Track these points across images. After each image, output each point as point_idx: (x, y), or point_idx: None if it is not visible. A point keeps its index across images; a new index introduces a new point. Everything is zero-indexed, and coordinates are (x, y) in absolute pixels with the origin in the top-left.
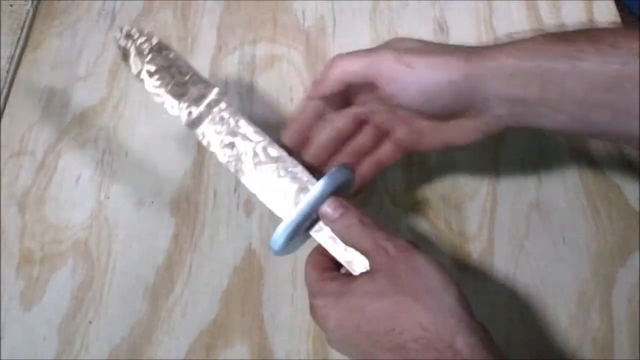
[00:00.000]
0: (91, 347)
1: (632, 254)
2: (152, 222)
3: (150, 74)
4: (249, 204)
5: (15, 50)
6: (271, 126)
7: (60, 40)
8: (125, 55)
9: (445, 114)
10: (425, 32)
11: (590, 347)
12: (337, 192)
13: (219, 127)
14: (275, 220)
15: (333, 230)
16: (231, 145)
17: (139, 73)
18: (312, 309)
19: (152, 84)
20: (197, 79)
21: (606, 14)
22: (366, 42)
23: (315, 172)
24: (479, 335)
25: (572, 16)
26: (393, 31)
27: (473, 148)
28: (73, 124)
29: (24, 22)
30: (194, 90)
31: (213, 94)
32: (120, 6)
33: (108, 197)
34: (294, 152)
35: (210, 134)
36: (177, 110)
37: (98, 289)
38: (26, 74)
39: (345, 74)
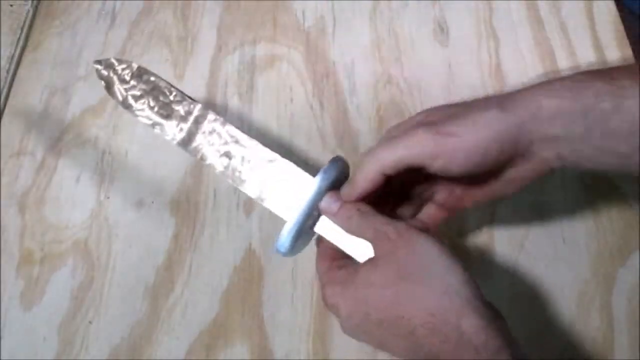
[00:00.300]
0: (91, 347)
1: (632, 254)
2: (152, 222)
3: (136, 99)
4: (249, 204)
5: (15, 50)
6: (271, 126)
7: (60, 40)
8: (108, 85)
9: (493, 169)
10: (425, 32)
11: (590, 347)
12: (335, 186)
13: (211, 139)
14: (275, 220)
15: (336, 223)
16: (227, 154)
17: (125, 100)
18: (323, 298)
19: (138, 109)
20: (180, 97)
21: (606, 14)
22: (366, 42)
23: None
24: (488, 317)
25: (572, 16)
26: (393, 31)
27: None
28: (73, 124)
29: (24, 22)
30: (179, 109)
31: (197, 109)
32: (120, 6)
33: (108, 197)
34: None
35: (204, 147)
36: (167, 129)
37: (98, 289)
38: (26, 74)
39: (383, 168)
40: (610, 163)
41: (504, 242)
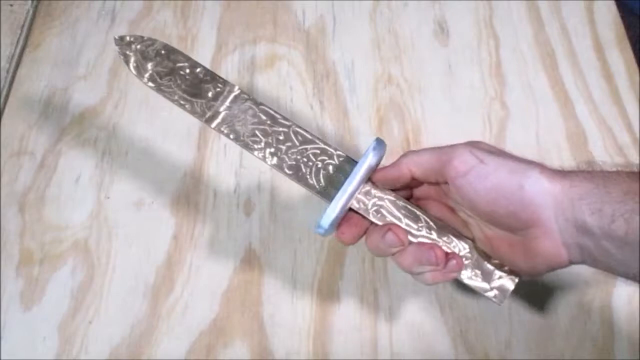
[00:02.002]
0: (91, 347)
1: None
2: (152, 222)
3: (161, 77)
4: (249, 204)
5: (15, 50)
6: None
7: (60, 40)
8: (130, 61)
9: (506, 222)
10: (425, 32)
11: (590, 347)
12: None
13: (242, 116)
14: (276, 220)
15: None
16: (264, 132)
17: (151, 77)
18: None
19: (164, 85)
20: (210, 76)
21: (606, 14)
22: (366, 42)
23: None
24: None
25: (573, 16)
26: (393, 31)
27: None
28: (73, 124)
29: (24, 22)
30: (209, 88)
31: (228, 89)
32: (120, 6)
33: (108, 197)
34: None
35: (232, 126)
36: (196, 107)
37: (98, 289)
38: (26, 74)
39: (415, 163)
40: (630, 267)
41: None
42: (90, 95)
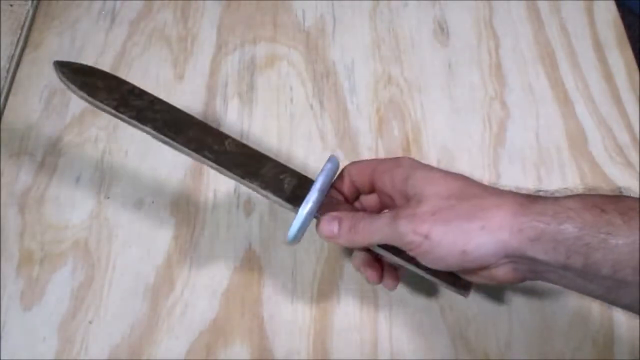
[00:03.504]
0: (91, 347)
1: None
2: (152, 222)
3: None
4: (249, 204)
5: (15, 50)
6: (271, 126)
7: (60, 40)
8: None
9: (458, 271)
10: (425, 32)
11: (590, 347)
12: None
13: None
14: (276, 220)
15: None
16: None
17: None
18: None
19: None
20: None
21: (606, 14)
22: (366, 42)
23: None
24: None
25: (572, 16)
26: (393, 31)
27: (473, 150)
28: (73, 124)
29: (24, 22)
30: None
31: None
32: (120, 6)
33: (108, 197)
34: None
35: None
36: None
37: (98, 289)
38: (26, 74)
39: (367, 243)
40: (589, 292)
41: None
42: None
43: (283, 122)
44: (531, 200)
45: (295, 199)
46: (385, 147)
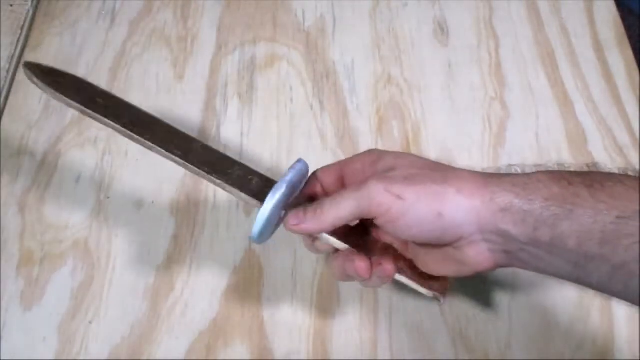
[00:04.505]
0: (91, 347)
1: None
2: (152, 222)
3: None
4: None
5: (15, 50)
6: (271, 126)
7: (60, 40)
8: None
9: (430, 242)
10: (425, 32)
11: (590, 347)
12: (296, 186)
13: None
14: None
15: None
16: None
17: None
18: None
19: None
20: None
21: (606, 14)
22: (366, 42)
23: None
24: None
25: (572, 16)
26: (393, 31)
27: (473, 150)
28: (73, 124)
29: (24, 22)
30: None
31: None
32: (120, 6)
33: (108, 197)
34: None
35: None
36: None
37: (98, 289)
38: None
39: (337, 220)
40: (561, 271)
41: None
42: None
43: (283, 122)
44: (502, 175)
45: (262, 194)
46: (385, 147)
